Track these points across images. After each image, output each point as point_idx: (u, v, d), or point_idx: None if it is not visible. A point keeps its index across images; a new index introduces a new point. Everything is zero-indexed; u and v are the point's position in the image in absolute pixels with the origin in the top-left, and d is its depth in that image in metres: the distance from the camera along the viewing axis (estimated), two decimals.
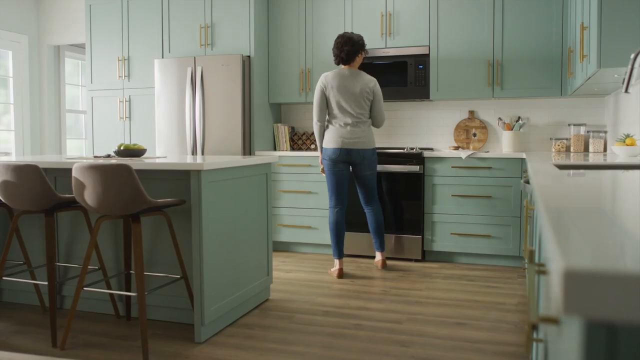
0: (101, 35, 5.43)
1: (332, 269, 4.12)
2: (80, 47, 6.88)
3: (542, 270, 0.92)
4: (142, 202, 2.59)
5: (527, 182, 2.92)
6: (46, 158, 3.31)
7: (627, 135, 3.17)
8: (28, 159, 3.29)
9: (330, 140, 4.02)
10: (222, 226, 2.93)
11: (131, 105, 5.33)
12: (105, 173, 2.54)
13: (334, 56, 4.10)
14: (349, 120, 3.99)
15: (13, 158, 6.09)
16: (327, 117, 4.10)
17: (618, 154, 3.12)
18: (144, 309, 2.58)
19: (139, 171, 3.09)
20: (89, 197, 2.61)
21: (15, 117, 6.15)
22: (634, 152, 3.04)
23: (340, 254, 4.10)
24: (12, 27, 6.07)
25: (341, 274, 4.04)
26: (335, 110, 4.01)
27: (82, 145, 7.04)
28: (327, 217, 4.76)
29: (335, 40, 4.07)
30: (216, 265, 2.88)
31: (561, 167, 2.26)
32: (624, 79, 1.93)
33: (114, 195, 2.55)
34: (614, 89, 3.96)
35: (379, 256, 4.28)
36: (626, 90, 1.98)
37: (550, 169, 1.82)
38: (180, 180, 3.02)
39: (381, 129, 5.20)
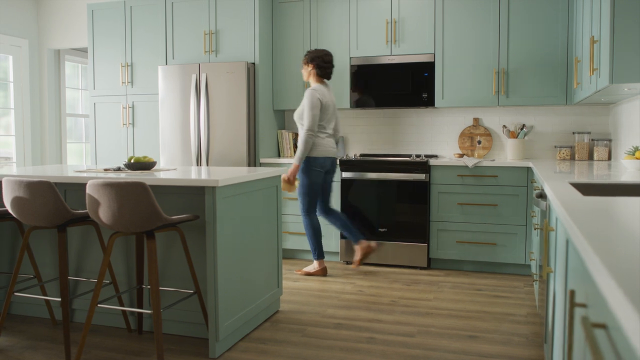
0: (104, 40, 5.40)
1: (312, 268, 4.39)
2: (79, 51, 6.84)
3: (598, 324, 0.92)
4: (158, 220, 2.58)
5: (539, 195, 2.94)
6: (56, 171, 3.28)
7: (637, 148, 3.18)
8: (39, 172, 3.26)
9: (324, 150, 4.25)
10: (235, 241, 2.93)
11: (134, 112, 5.30)
12: (121, 191, 2.52)
13: (325, 69, 4.30)
14: (330, 132, 4.30)
15: (14, 166, 6.04)
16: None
17: (628, 167, 3.14)
18: (159, 327, 2.58)
19: (151, 186, 3.08)
20: (104, 214, 2.60)
21: (15, 121, 6.11)
22: None
23: (323, 254, 4.42)
24: (13, 31, 6.02)
25: (326, 271, 4.42)
26: (324, 123, 4.25)
27: (83, 149, 7.01)
28: (326, 224, 4.76)
29: (322, 56, 4.28)
30: (230, 280, 2.88)
31: (580, 187, 2.27)
32: None
33: (129, 212, 2.54)
34: (620, 99, 3.98)
35: (365, 242, 4.38)
36: None
37: (573, 194, 1.83)
38: (193, 195, 3.01)
39: (386, 135, 5.21)
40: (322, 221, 4.80)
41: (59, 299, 2.87)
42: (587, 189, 2.23)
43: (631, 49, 2.80)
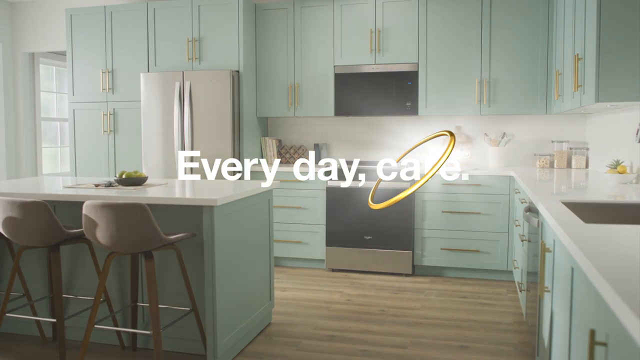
0: (83, 46, 5.30)
1: None
2: (53, 53, 6.69)
3: None
4: (158, 241, 2.58)
5: (528, 209, 3.03)
6: (47, 188, 3.23)
7: (618, 162, 3.31)
8: (29, 188, 3.20)
9: None
10: (231, 256, 2.94)
11: (116, 119, 5.23)
12: (120, 212, 2.51)
13: None
14: None
15: None
16: None
17: (610, 180, 3.26)
18: (160, 348, 2.57)
19: (147, 204, 3.05)
20: (101, 235, 2.57)
21: None
22: (626, 179, 3.18)
23: None
24: None
25: None
26: None
27: (58, 153, 6.87)
28: (313, 232, 4.80)
29: None
30: (227, 297, 2.89)
31: (573, 207, 2.35)
32: (638, 130, 2.02)
33: (128, 234, 2.53)
34: (597, 110, 4.11)
35: None
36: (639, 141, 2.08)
37: (573, 221, 1.90)
38: (188, 211, 3.01)
39: (369, 143, 5.26)
40: (310, 229, 4.83)
41: (53, 320, 2.84)
42: (581, 210, 2.31)
43: (617, 68, 2.89)
